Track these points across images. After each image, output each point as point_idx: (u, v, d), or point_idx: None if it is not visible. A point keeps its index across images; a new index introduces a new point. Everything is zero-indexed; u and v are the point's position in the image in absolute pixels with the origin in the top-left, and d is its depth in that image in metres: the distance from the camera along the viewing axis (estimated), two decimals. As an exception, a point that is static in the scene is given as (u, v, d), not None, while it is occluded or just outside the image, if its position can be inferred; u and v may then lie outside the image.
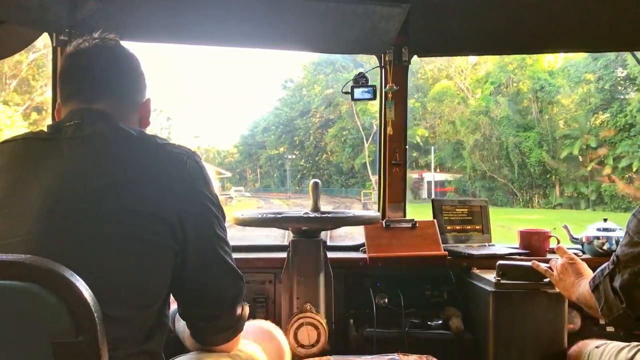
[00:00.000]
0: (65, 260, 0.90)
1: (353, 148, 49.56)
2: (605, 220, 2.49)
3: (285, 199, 44.57)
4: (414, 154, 44.41)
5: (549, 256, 2.33)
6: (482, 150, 37.70)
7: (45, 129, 1.22)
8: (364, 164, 47.83)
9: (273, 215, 1.94)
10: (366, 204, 32.94)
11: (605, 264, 1.43)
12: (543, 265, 1.86)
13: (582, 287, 1.61)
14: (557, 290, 1.88)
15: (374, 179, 38.86)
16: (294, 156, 58.51)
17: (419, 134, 41.25)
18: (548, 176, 35.79)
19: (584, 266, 1.72)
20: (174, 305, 1.37)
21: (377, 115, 2.49)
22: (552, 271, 1.81)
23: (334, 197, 45.70)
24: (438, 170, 43.32)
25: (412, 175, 39.12)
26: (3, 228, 1.07)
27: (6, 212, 1.08)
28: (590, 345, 1.77)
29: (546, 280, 1.95)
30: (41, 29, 2.15)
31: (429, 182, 41.43)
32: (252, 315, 2.08)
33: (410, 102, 34.38)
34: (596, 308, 1.48)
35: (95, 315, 0.87)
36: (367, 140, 45.17)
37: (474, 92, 40.08)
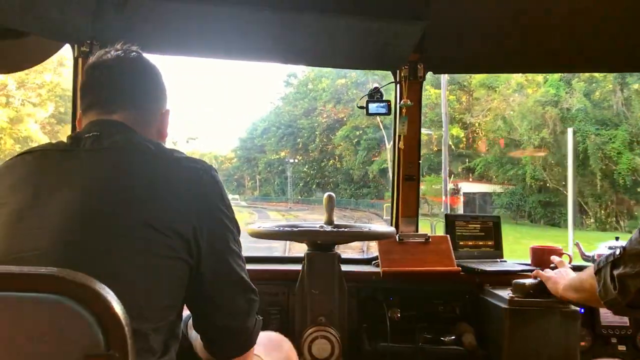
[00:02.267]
0: (85, 273, 0.91)
1: (368, 151, 42.16)
2: (617, 238, 2.49)
3: (285, 211, 40.22)
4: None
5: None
6: (547, 155, 29.07)
7: (65, 140, 1.24)
8: (383, 171, 39.48)
9: (289, 229, 1.96)
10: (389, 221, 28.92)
11: (612, 251, 1.48)
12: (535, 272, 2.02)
13: (574, 277, 1.78)
14: (572, 308, 1.90)
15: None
16: (296, 160, 51.86)
17: (453, 134, 33.39)
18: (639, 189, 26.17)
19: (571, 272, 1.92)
20: (185, 312, 1.39)
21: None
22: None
23: (343, 210, 38.25)
24: (471, 179, 35.31)
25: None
26: (23, 240, 1.08)
27: (27, 224, 1.09)
28: None
29: None
30: (63, 40, 2.18)
31: (467, 195, 33.68)
32: (265, 327, 2.09)
33: (433, 96, 31.42)
34: (589, 292, 1.57)
35: (126, 329, 0.88)
36: (388, 141, 35.70)
37: (534, 78, 30.18)
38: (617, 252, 1.44)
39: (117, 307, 0.89)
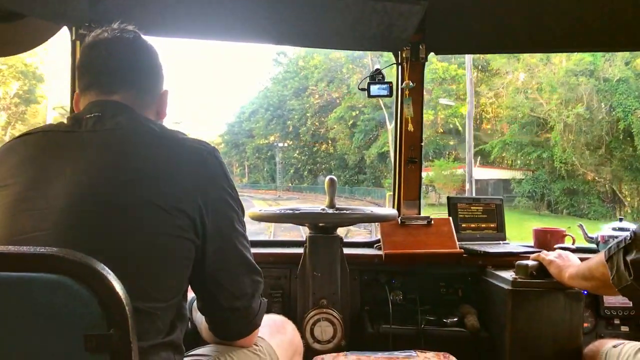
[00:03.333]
0: (92, 253, 0.91)
1: (365, 134, 37.81)
2: (620, 219, 2.48)
3: (272, 200, 36.10)
4: (451, 142, 34.37)
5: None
6: (579, 135, 24.58)
7: (65, 122, 1.23)
8: (382, 155, 35.76)
9: (291, 212, 1.95)
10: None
11: (622, 237, 1.47)
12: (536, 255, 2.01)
13: (581, 265, 1.75)
14: (575, 289, 1.90)
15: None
16: (285, 145, 47.85)
17: (463, 113, 28.51)
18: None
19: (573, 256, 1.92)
20: (190, 295, 1.39)
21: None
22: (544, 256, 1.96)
23: (337, 198, 37.83)
24: (477, 164, 29.70)
25: (456, 170, 29.06)
26: (27, 221, 1.08)
27: (30, 205, 1.09)
28: (607, 344, 1.77)
29: None
30: (61, 23, 2.16)
31: (479, 182, 28.33)
32: (268, 310, 2.09)
33: (451, 69, 31.58)
34: (600, 280, 1.56)
35: (127, 308, 0.88)
36: (390, 122, 30.88)
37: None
38: (628, 237, 1.43)
39: (118, 286, 0.88)
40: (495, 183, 30.87)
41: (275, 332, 1.56)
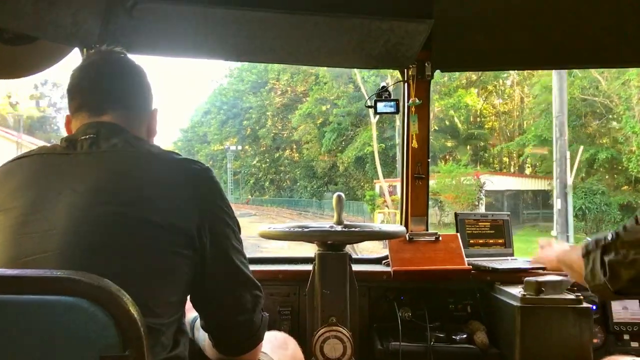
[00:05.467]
0: (96, 273, 0.92)
1: (339, 133, 30.06)
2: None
3: None
4: (449, 144, 28.57)
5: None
6: None
7: (59, 143, 1.26)
8: (360, 160, 28.83)
9: (300, 229, 1.96)
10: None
11: (602, 235, 1.43)
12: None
13: (567, 251, 1.68)
14: (584, 305, 1.90)
15: (385, 185, 25.80)
16: (240, 149, 39.84)
17: (468, 103, 24.45)
18: None
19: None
20: (190, 314, 1.40)
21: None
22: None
23: (302, 215, 28.32)
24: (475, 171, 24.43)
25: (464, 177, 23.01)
26: (29, 244, 1.09)
27: (31, 228, 1.10)
28: None
29: (572, 296, 1.97)
30: (73, 45, 2.19)
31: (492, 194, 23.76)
32: (277, 327, 2.10)
33: None
34: (578, 273, 1.51)
35: (142, 329, 0.89)
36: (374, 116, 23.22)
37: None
38: (609, 237, 1.40)
39: (132, 308, 0.90)
40: (511, 196, 24.69)
41: (278, 347, 1.58)
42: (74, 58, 2.25)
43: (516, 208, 23.67)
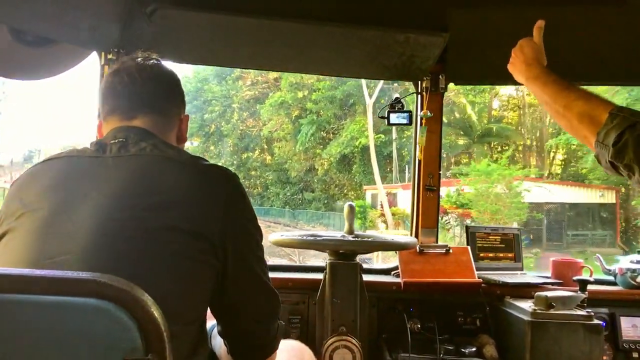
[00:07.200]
0: (119, 276, 0.92)
1: (318, 127, 24.76)
2: (639, 252, 2.47)
3: None
4: (460, 142, 23.50)
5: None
6: None
7: (89, 146, 1.26)
8: (345, 159, 23.82)
9: (312, 238, 1.97)
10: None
11: None
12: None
13: (558, 78, 1.49)
14: (595, 321, 1.90)
15: (383, 192, 21.39)
16: (195, 144, 31.84)
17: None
18: None
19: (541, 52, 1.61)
20: (210, 322, 1.41)
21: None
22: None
23: (273, 226, 22.34)
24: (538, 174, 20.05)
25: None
26: (54, 244, 1.09)
27: (56, 229, 1.10)
28: None
29: (582, 312, 1.97)
30: (92, 49, 2.22)
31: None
32: (286, 336, 2.10)
33: None
34: (574, 115, 1.35)
35: (165, 334, 0.90)
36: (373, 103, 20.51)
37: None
38: None
39: (157, 312, 0.90)
40: (556, 211, 19.41)
41: (293, 356, 1.57)
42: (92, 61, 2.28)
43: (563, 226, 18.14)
